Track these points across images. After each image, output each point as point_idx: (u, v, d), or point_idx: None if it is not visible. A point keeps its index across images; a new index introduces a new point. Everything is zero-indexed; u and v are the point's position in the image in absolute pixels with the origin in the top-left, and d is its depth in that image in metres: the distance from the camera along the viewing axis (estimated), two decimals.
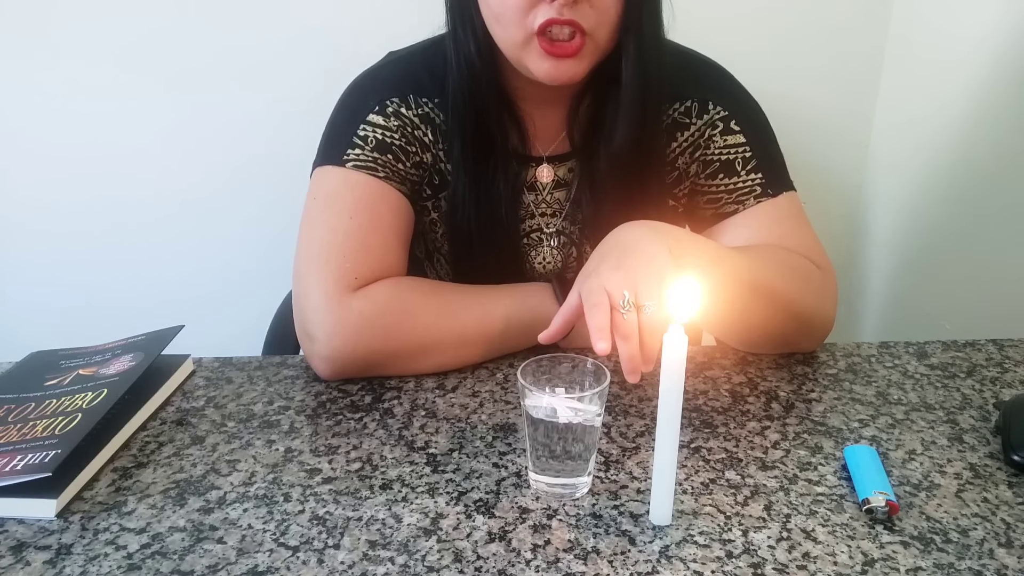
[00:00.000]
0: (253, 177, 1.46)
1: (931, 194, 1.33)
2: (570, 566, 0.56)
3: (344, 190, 0.83)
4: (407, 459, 0.69)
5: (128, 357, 0.79)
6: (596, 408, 0.61)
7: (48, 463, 0.63)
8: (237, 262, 1.52)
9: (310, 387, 0.81)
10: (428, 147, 0.87)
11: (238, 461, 0.69)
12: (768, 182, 0.87)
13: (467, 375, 0.82)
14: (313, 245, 0.82)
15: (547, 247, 0.92)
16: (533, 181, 0.90)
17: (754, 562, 0.57)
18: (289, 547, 0.58)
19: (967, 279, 1.25)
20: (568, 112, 0.87)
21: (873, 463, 0.65)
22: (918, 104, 1.36)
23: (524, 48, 0.76)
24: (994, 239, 1.19)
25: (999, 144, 1.17)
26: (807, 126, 1.46)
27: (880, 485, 0.62)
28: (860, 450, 0.67)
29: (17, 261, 1.50)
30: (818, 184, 1.48)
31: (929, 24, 1.33)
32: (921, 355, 0.86)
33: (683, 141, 0.89)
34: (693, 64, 0.90)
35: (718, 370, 0.83)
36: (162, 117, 1.42)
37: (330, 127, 0.87)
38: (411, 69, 0.87)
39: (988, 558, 0.57)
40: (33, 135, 1.42)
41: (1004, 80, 1.15)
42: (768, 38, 1.41)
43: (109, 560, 0.58)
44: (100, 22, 1.35)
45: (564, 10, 0.72)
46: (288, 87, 1.40)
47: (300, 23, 1.37)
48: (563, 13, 0.72)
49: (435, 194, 0.89)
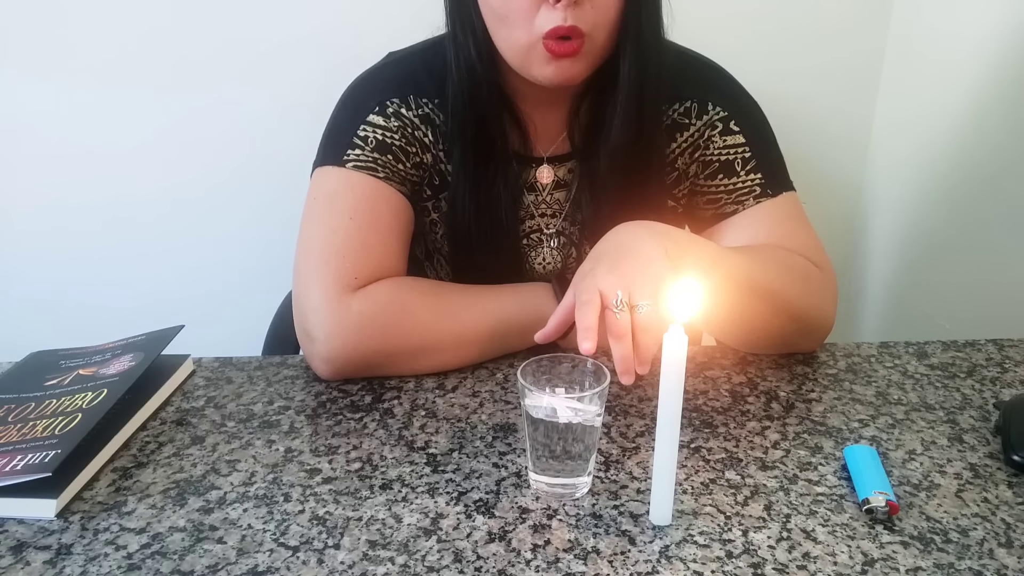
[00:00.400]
0: (253, 177, 1.46)
1: (931, 194, 1.33)
2: (570, 566, 0.56)
3: (344, 190, 0.83)
4: (407, 459, 0.69)
5: (128, 357, 0.79)
6: (596, 408, 0.61)
7: (48, 463, 0.63)
8: (237, 262, 1.52)
9: (310, 387, 0.81)
10: (428, 148, 0.87)
11: (238, 461, 0.69)
12: (768, 182, 0.87)
13: (467, 375, 0.82)
14: (313, 245, 0.82)
15: (547, 248, 0.92)
16: (533, 182, 0.90)
17: (754, 562, 0.57)
18: (289, 547, 0.58)
19: (967, 279, 1.25)
20: (569, 113, 0.87)
21: (873, 463, 0.65)
22: (918, 104, 1.36)
23: (527, 51, 0.76)
24: (994, 239, 1.19)
25: (999, 144, 1.17)
26: (807, 126, 1.46)
27: (880, 485, 0.62)
28: (860, 450, 0.67)
29: (17, 261, 1.50)
30: (818, 184, 1.48)
31: (929, 24, 1.33)
32: (921, 355, 0.86)
33: (683, 142, 0.89)
34: (693, 65, 0.90)
35: (718, 370, 0.83)
36: (163, 116, 1.41)
37: (330, 127, 0.87)
38: (411, 70, 0.87)
39: (988, 558, 0.57)
40: (32, 135, 1.42)
41: (1004, 80, 1.15)
42: (768, 38, 1.41)
43: (109, 560, 0.58)
44: (99, 21, 1.35)
45: (568, 14, 0.72)
46: (288, 86, 1.39)
47: (300, 23, 1.37)
48: (567, 19, 0.72)
49: (435, 195, 0.89)
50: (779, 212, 0.87)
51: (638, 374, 0.66)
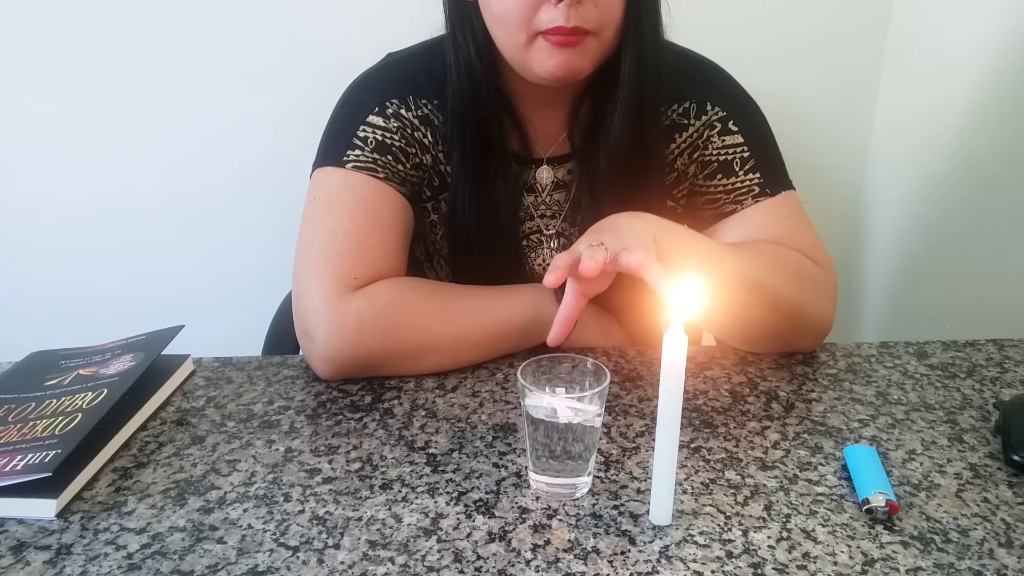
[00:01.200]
0: (253, 178, 1.46)
1: (931, 195, 1.33)
2: (570, 566, 0.56)
3: (344, 191, 0.83)
4: (407, 459, 0.69)
5: (128, 357, 0.79)
6: (596, 408, 0.61)
7: (48, 463, 0.63)
8: (237, 262, 1.52)
9: (310, 387, 0.81)
10: (428, 149, 0.87)
11: (238, 461, 0.69)
12: (766, 181, 0.87)
13: (467, 375, 0.82)
14: (313, 245, 0.82)
15: (547, 249, 0.92)
16: (533, 183, 0.90)
17: (754, 562, 0.57)
18: (289, 547, 0.58)
19: (967, 279, 1.25)
20: (569, 113, 0.87)
21: (873, 463, 0.65)
22: (918, 105, 1.36)
23: (527, 49, 0.75)
24: (994, 239, 1.19)
25: (999, 145, 1.17)
26: (807, 127, 1.47)
27: (880, 485, 0.62)
28: (860, 450, 0.67)
29: (17, 261, 1.50)
30: (818, 185, 1.48)
31: (929, 26, 1.33)
32: (921, 355, 0.86)
33: (682, 142, 0.89)
34: (692, 65, 0.90)
35: (718, 370, 0.83)
36: (165, 119, 1.41)
37: (330, 128, 0.87)
38: (410, 71, 0.87)
39: (988, 558, 0.57)
40: (34, 138, 1.42)
41: (1004, 81, 1.15)
42: (769, 39, 1.41)
43: (109, 560, 0.58)
44: (100, 29, 1.35)
45: (570, 12, 0.72)
46: (288, 90, 1.40)
47: (301, 27, 1.37)
48: (569, 19, 0.72)
49: (435, 196, 0.89)
50: (778, 211, 0.87)
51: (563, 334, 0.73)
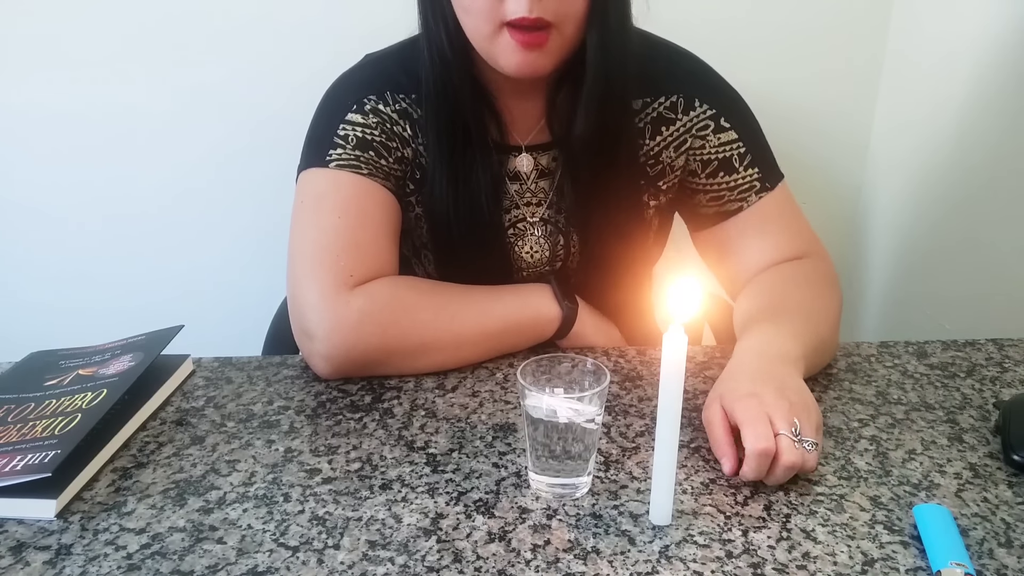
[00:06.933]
0: (253, 177, 1.46)
1: (931, 195, 1.33)
2: (570, 566, 0.56)
3: (330, 190, 0.83)
4: (407, 459, 0.69)
5: (128, 357, 0.79)
6: (596, 408, 0.61)
7: (48, 463, 0.63)
8: (237, 262, 1.52)
9: (310, 387, 0.80)
10: (408, 142, 0.87)
11: (238, 461, 0.69)
12: (764, 175, 0.88)
13: (467, 375, 0.82)
14: (306, 246, 0.82)
15: (532, 236, 0.92)
16: (516, 171, 0.90)
17: (754, 562, 0.57)
18: (289, 547, 0.58)
19: (967, 279, 1.25)
20: (546, 102, 0.87)
21: (947, 528, 0.58)
22: (917, 105, 1.36)
23: (492, 41, 0.76)
24: (994, 239, 1.19)
25: (998, 145, 1.17)
26: (807, 127, 1.47)
27: (957, 555, 0.55)
28: (933, 511, 0.60)
29: (17, 261, 1.50)
30: (818, 184, 1.48)
31: (928, 26, 1.33)
32: (921, 355, 0.86)
33: (668, 136, 0.89)
34: (674, 57, 0.90)
35: (718, 370, 0.83)
36: (163, 118, 1.41)
37: (311, 130, 0.88)
38: (387, 68, 0.88)
39: (988, 558, 0.57)
40: (31, 136, 1.42)
41: (1003, 81, 1.15)
42: (769, 40, 1.41)
43: (109, 560, 0.58)
44: (91, 23, 1.35)
45: (533, 5, 0.72)
46: (288, 88, 1.39)
47: (295, 23, 1.36)
48: (532, 11, 0.72)
49: (418, 189, 0.89)
50: (778, 205, 0.89)
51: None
